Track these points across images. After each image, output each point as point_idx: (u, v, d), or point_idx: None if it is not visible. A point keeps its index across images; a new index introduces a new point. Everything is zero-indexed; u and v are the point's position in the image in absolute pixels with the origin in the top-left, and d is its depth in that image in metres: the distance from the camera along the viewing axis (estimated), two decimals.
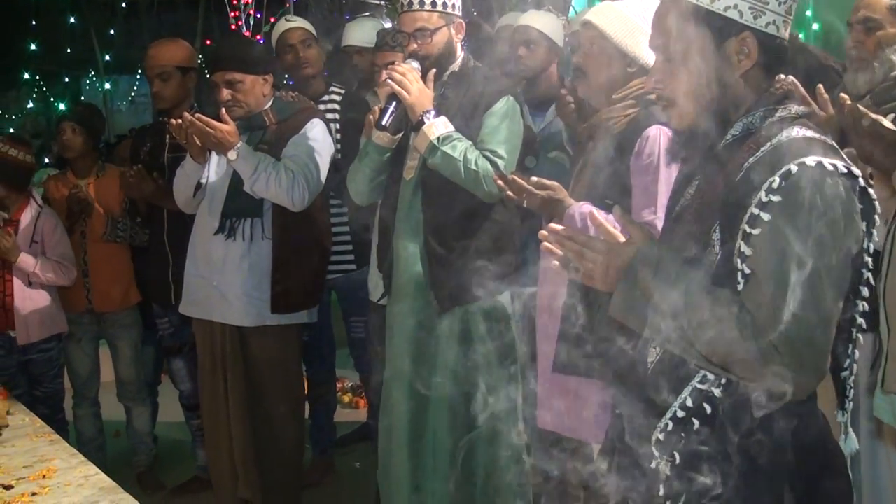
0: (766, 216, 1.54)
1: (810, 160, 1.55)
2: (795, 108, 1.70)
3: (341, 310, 4.51)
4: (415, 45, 3.15)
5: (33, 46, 18.52)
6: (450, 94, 3.19)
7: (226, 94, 3.53)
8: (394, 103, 3.07)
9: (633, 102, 2.68)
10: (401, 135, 3.23)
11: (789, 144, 1.60)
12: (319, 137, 3.66)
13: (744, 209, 1.57)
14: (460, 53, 3.25)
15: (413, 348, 3.20)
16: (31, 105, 23.80)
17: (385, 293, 3.40)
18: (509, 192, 2.75)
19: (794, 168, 1.54)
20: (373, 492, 3.83)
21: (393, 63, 3.63)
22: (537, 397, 2.93)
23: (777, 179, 1.55)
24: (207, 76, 3.74)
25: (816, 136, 1.63)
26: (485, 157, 3.06)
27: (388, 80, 3.06)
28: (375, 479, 3.51)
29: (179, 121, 3.48)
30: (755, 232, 1.55)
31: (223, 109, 3.47)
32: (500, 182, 2.80)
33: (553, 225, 1.79)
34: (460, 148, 3.05)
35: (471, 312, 3.20)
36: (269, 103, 3.67)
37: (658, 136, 2.56)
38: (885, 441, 2.92)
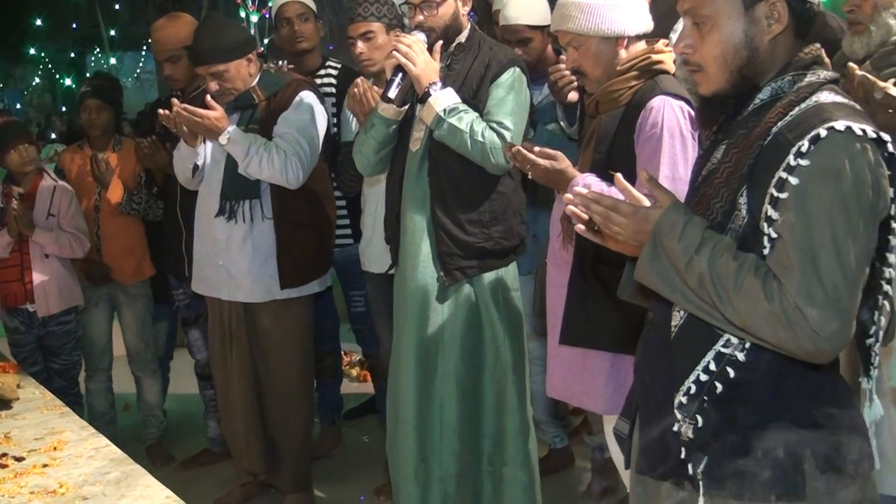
0: (794, 180, 1.56)
1: (839, 124, 1.56)
2: (824, 74, 1.71)
3: (341, 284, 4.51)
4: (421, 17, 3.13)
5: (39, 22, 18.49)
6: (456, 66, 3.18)
7: (213, 85, 3.53)
8: (400, 75, 3.05)
9: (637, 73, 2.66)
10: (407, 107, 3.22)
11: (818, 109, 1.61)
12: (310, 109, 3.64)
13: (772, 173, 1.59)
14: (466, 25, 3.23)
15: (420, 320, 3.21)
16: (36, 80, 23.82)
17: (392, 265, 3.40)
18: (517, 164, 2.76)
19: (823, 132, 1.55)
20: (382, 463, 3.87)
21: (366, 33, 3.62)
22: (547, 367, 2.95)
23: (806, 143, 1.56)
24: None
25: (845, 101, 1.65)
26: (491, 128, 3.05)
27: (395, 52, 3.05)
28: (384, 451, 3.53)
29: (167, 112, 3.48)
30: (783, 196, 1.57)
31: (208, 97, 3.47)
32: (509, 154, 2.80)
33: (579, 189, 1.80)
34: (467, 120, 3.04)
35: (478, 284, 3.20)
36: (257, 79, 3.65)
37: (662, 107, 2.55)
38: None
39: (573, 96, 3.36)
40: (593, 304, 2.65)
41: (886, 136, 1.60)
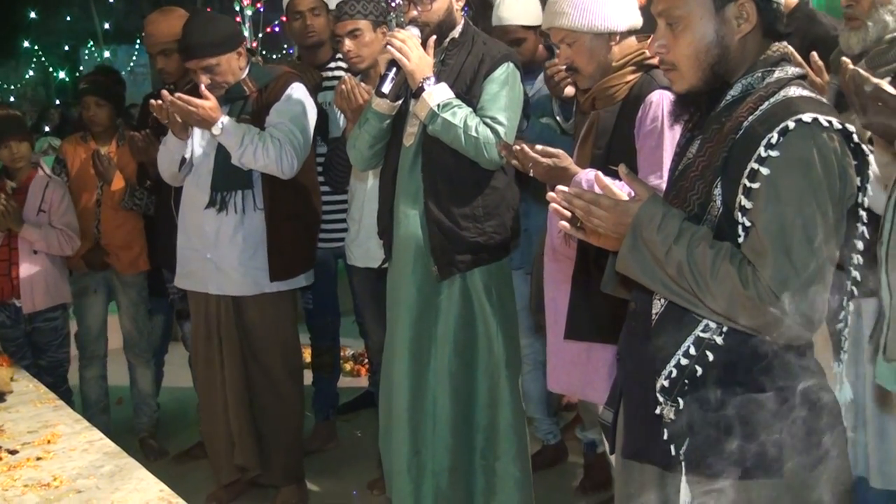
0: (765, 171, 1.63)
1: (807, 117, 1.64)
2: (792, 70, 1.79)
3: (348, 277, 4.52)
4: (415, 12, 3.13)
5: (32, 15, 18.41)
6: (450, 61, 3.18)
7: (205, 79, 3.52)
8: (394, 70, 3.06)
9: (633, 69, 2.68)
10: (400, 101, 3.22)
11: (786, 103, 1.69)
12: (301, 101, 3.66)
13: (744, 165, 1.66)
14: (460, 20, 3.23)
15: (413, 314, 3.21)
16: (30, 74, 23.69)
17: (386, 260, 3.41)
18: (514, 161, 2.76)
19: (791, 124, 1.63)
20: (375, 458, 3.87)
21: (353, 31, 3.64)
22: (547, 361, 2.95)
23: (775, 135, 1.64)
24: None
25: (812, 95, 1.73)
26: (485, 124, 3.06)
27: (389, 47, 3.05)
28: (377, 445, 3.54)
29: (160, 101, 3.47)
30: (755, 186, 1.64)
31: (202, 86, 3.47)
32: (503, 151, 2.81)
33: (560, 187, 1.85)
34: (460, 115, 3.04)
35: (471, 278, 3.21)
36: (246, 72, 3.65)
37: (661, 101, 2.56)
38: (893, 409, 2.88)
39: (570, 91, 3.37)
40: (598, 297, 2.66)
41: (852, 128, 1.68)
